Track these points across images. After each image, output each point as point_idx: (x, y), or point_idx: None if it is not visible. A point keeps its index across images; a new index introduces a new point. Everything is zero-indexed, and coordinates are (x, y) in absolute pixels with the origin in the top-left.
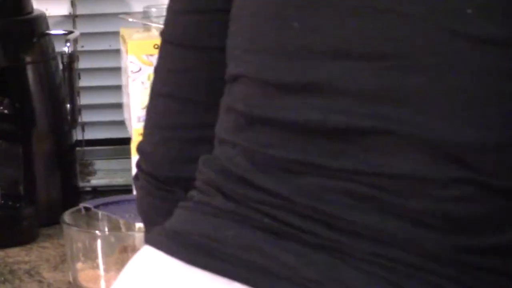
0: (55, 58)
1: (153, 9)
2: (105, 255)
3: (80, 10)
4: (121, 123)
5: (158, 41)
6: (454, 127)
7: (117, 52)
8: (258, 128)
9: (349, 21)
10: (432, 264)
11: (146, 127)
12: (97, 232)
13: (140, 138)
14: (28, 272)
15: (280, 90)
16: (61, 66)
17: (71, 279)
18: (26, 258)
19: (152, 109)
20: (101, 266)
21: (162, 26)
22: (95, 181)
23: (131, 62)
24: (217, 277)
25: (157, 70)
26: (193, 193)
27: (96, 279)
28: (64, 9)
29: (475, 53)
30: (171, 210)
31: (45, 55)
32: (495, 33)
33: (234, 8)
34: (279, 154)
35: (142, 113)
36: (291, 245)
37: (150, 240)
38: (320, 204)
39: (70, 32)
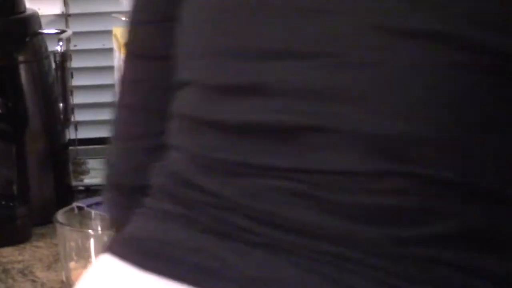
0: (47, 57)
1: None
2: (98, 254)
3: (72, 9)
4: None
5: None
6: (384, 121)
7: (110, 51)
8: (202, 132)
9: (282, 22)
10: (375, 259)
11: (111, 139)
12: (90, 231)
13: None
14: (22, 272)
15: (222, 93)
16: (53, 65)
17: (64, 279)
18: (20, 258)
19: (115, 120)
20: None
21: None
22: (88, 180)
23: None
24: (167, 281)
25: (120, 81)
26: (147, 199)
27: None
28: (56, 8)
29: (403, 47)
30: None
31: (38, 54)
32: (422, 26)
33: (181, 16)
34: (222, 156)
35: None
36: (234, 245)
37: (107, 247)
38: (261, 204)
39: (63, 31)
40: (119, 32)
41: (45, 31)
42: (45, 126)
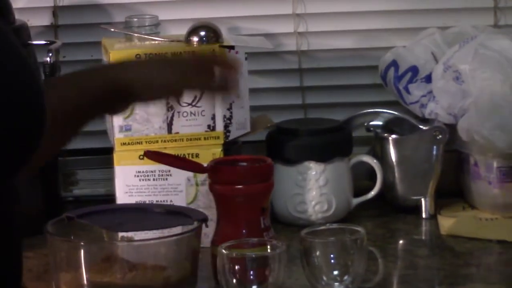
0: (37, 69)
1: (135, 19)
2: (88, 264)
3: (61, 21)
4: (103, 133)
5: (140, 50)
6: None
7: (99, 62)
8: None
9: None
10: None
11: None
12: (80, 241)
13: (122, 147)
14: None
15: None
16: (43, 76)
17: None
18: None
19: None
20: (84, 276)
21: (144, 36)
22: (77, 191)
23: None
24: None
25: None
26: None
27: None
28: (45, 20)
29: None
30: None
31: None
32: None
33: None
34: None
35: (124, 123)
36: None
37: None
38: None
39: (52, 42)
40: (108, 43)
41: (34, 42)
42: None
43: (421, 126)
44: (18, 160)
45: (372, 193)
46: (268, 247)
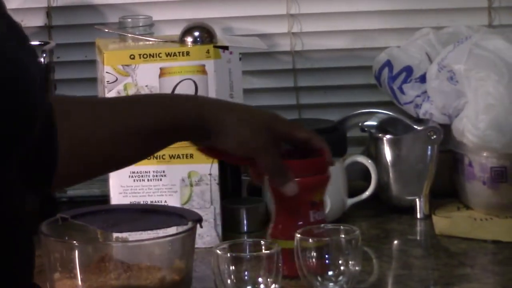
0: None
1: (129, 20)
2: (82, 265)
3: (55, 21)
4: None
5: (134, 51)
6: None
7: (93, 62)
8: None
9: None
10: None
11: None
12: (74, 242)
13: None
14: None
15: None
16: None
17: None
18: None
19: None
20: (79, 276)
21: (138, 36)
22: (72, 192)
23: (107, 72)
24: None
25: None
26: None
27: None
28: (39, 20)
29: None
30: None
31: None
32: None
33: None
34: None
35: None
36: None
37: None
38: None
39: (46, 43)
40: (102, 44)
41: None
42: None
43: (415, 126)
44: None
45: (367, 193)
46: (263, 247)
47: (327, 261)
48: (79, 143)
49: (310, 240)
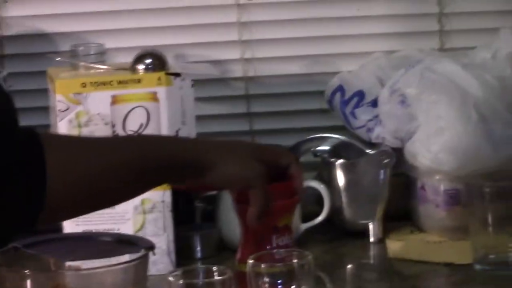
0: None
1: (80, 48)
2: None
3: (8, 50)
4: None
5: (85, 79)
6: None
7: (46, 91)
8: None
9: None
10: None
11: None
12: (26, 271)
13: None
14: None
15: None
16: None
17: None
18: None
19: None
20: None
21: (89, 65)
22: None
23: (58, 101)
24: None
25: None
26: None
27: None
28: None
29: None
30: None
31: None
32: None
33: None
34: None
35: None
36: None
37: None
38: None
39: None
40: (54, 73)
41: None
42: None
43: (368, 151)
44: None
45: (320, 218)
46: (215, 274)
47: (279, 287)
48: (72, 178)
49: (262, 266)
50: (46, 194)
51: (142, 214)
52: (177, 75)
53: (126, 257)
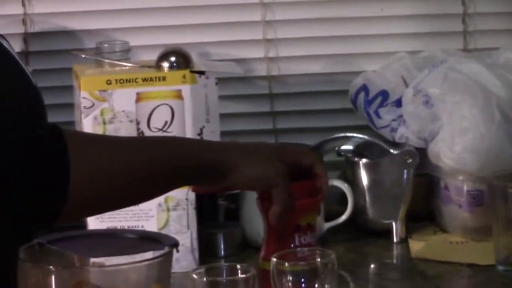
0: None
1: (106, 45)
2: None
3: (32, 47)
4: None
5: (110, 76)
6: None
7: (70, 88)
8: None
9: None
10: None
11: None
12: (50, 267)
13: None
14: None
15: None
16: None
17: None
18: None
19: None
20: None
21: (115, 62)
22: None
23: (83, 98)
24: None
25: None
26: None
27: None
28: (16, 46)
29: None
30: None
31: None
32: None
33: None
34: None
35: None
36: None
37: None
38: None
39: None
40: (79, 69)
41: None
42: None
43: (391, 150)
44: None
45: (343, 217)
46: (239, 271)
47: (303, 285)
48: (95, 175)
49: (286, 264)
50: (69, 189)
51: (166, 212)
52: (201, 73)
53: (150, 254)
